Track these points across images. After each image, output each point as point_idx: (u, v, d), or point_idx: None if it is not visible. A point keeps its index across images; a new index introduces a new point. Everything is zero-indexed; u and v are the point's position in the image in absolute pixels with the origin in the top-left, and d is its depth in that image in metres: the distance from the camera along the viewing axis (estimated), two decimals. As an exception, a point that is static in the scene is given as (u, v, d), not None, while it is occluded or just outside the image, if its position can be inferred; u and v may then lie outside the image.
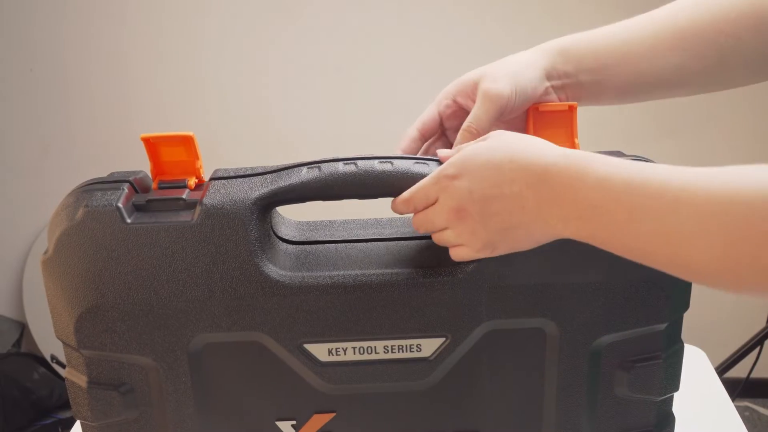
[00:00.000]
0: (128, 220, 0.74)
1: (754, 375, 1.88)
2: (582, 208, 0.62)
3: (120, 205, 0.74)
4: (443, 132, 0.87)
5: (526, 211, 0.65)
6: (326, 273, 0.76)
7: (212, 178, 0.78)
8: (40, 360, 2.52)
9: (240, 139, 2.35)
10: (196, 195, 0.76)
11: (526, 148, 0.67)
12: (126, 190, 0.76)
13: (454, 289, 0.75)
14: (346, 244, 0.83)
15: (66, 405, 2.52)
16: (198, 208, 0.74)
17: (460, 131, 0.80)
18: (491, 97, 0.78)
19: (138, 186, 0.79)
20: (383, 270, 0.76)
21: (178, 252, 0.74)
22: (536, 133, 0.81)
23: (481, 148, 0.69)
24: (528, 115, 0.82)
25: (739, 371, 1.86)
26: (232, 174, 0.78)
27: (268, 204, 0.75)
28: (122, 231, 0.74)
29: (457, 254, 0.72)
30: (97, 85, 2.32)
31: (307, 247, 0.82)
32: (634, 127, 2.19)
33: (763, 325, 1.85)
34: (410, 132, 0.85)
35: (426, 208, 0.72)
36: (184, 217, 0.74)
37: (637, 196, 0.58)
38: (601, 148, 0.76)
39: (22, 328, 2.59)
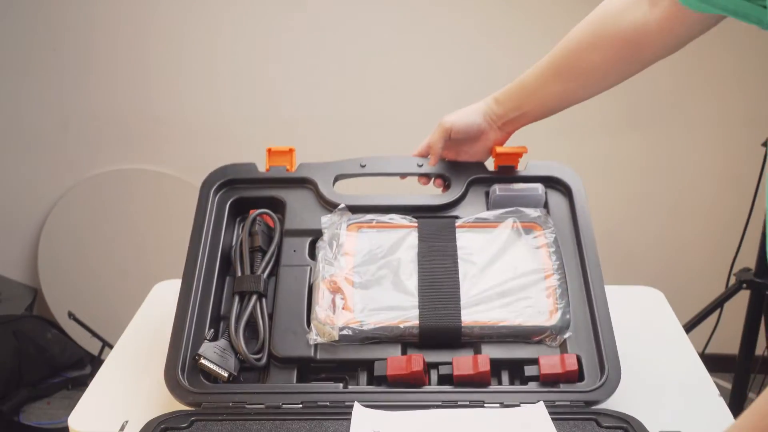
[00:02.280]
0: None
1: (712, 350, 2.04)
2: None
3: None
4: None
5: None
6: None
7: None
8: (52, 323, 2.66)
9: (252, 120, 2.44)
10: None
11: None
12: None
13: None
14: None
15: (76, 365, 2.65)
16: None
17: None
18: (440, 124, 1.16)
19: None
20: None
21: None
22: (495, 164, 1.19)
23: None
24: (492, 152, 1.18)
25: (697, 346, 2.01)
26: None
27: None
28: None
29: None
30: (117, 64, 2.41)
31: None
32: (609, 117, 2.35)
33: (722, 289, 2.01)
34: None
35: None
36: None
37: None
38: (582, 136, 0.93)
39: (35, 293, 2.71)
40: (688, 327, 1.95)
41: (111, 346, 2.39)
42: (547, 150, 2.30)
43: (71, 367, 2.65)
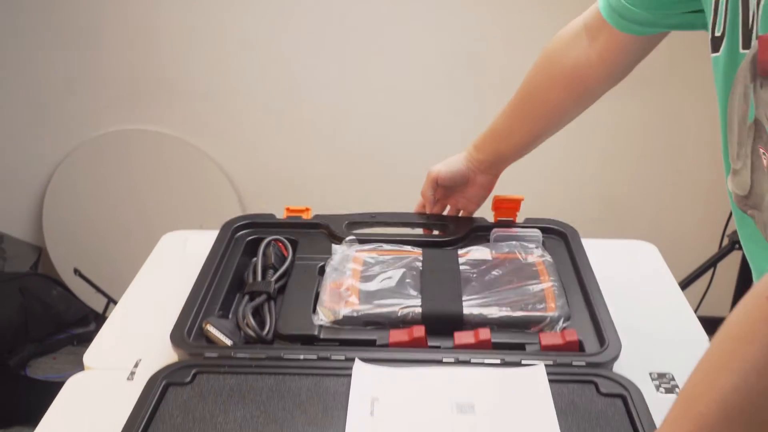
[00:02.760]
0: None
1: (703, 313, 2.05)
2: None
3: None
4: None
5: None
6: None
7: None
8: (57, 281, 2.69)
9: (256, 82, 2.45)
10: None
11: None
12: None
13: None
14: None
15: (81, 321, 2.69)
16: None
17: None
18: (428, 174, 1.24)
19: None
20: None
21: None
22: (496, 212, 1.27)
23: None
24: (493, 203, 1.27)
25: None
26: None
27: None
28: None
29: None
30: (122, 24, 2.41)
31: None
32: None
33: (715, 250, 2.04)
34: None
35: None
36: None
37: None
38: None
39: (40, 252, 2.74)
40: (681, 287, 1.98)
41: (115, 303, 2.42)
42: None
43: (76, 324, 2.69)
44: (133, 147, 2.57)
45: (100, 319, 2.64)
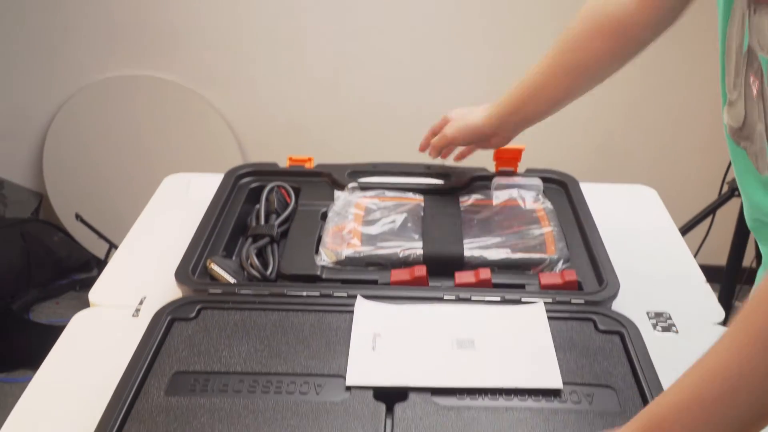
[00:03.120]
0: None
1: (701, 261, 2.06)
2: None
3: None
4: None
5: None
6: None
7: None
8: (58, 227, 2.70)
9: (259, 31, 2.42)
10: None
11: None
12: None
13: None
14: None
15: (83, 267, 2.71)
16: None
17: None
18: (445, 130, 1.21)
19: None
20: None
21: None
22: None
23: None
24: (495, 153, 1.25)
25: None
26: None
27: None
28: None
29: None
30: None
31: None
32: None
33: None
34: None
35: None
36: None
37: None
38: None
39: (41, 198, 2.74)
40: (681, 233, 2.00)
41: (117, 248, 2.43)
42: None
43: (78, 269, 2.71)
44: (133, 93, 2.55)
45: (102, 264, 2.66)
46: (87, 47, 2.50)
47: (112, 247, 2.55)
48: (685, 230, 2.01)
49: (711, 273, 1.11)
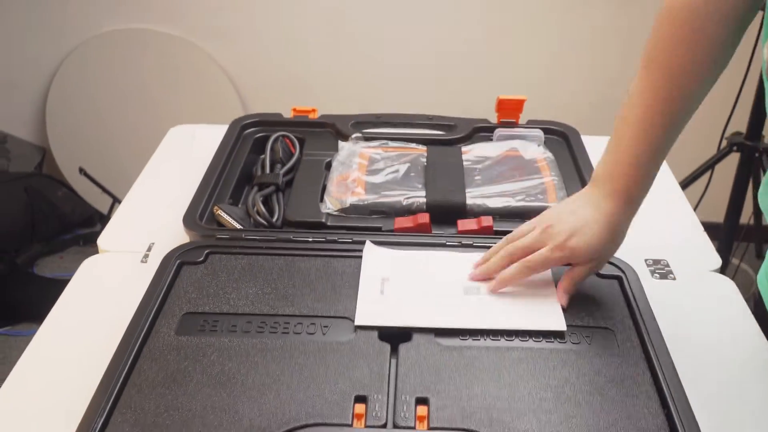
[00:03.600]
0: None
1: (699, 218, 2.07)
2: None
3: None
4: None
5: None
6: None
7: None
8: (62, 182, 2.71)
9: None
10: None
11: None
12: None
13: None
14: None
15: (86, 222, 2.73)
16: None
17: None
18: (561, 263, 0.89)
19: None
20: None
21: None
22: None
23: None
24: (497, 104, 1.26)
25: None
26: None
27: None
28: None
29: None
30: None
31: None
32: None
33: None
34: None
35: None
36: None
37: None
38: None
39: (44, 152, 2.75)
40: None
41: (120, 202, 2.44)
42: (549, 21, 2.31)
43: (82, 224, 2.73)
44: (135, 47, 2.55)
45: (105, 219, 2.67)
46: (87, 1, 2.48)
47: (116, 201, 2.57)
48: (683, 185, 2.03)
49: (709, 230, 1.13)
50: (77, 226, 2.72)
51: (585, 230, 0.85)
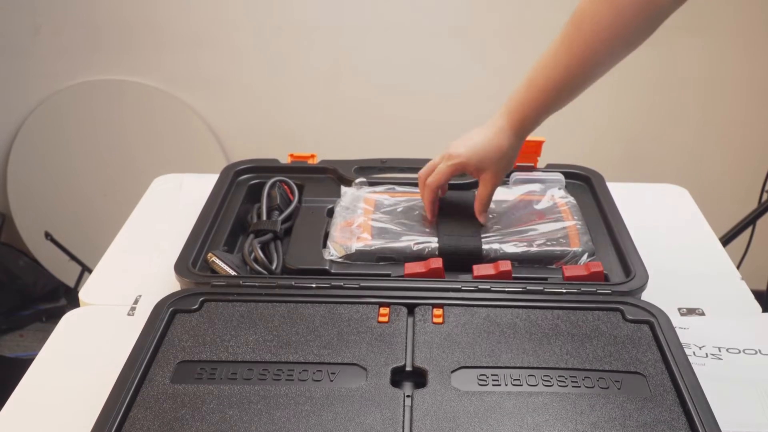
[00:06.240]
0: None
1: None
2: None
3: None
4: None
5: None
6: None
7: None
8: (23, 252, 2.75)
9: (246, 30, 2.50)
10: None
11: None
12: None
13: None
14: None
15: (50, 296, 2.76)
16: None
17: None
18: (449, 157, 1.17)
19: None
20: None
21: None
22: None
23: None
24: None
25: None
26: None
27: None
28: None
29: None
30: None
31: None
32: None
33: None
34: None
35: None
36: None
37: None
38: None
39: (3, 218, 2.79)
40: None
41: (90, 271, 2.47)
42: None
43: (45, 298, 2.76)
44: (106, 99, 2.61)
45: (71, 293, 2.71)
46: (55, 50, 2.56)
47: (85, 270, 2.60)
48: (724, 242, 2.07)
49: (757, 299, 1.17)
50: (40, 300, 2.75)
51: (471, 137, 1.15)
